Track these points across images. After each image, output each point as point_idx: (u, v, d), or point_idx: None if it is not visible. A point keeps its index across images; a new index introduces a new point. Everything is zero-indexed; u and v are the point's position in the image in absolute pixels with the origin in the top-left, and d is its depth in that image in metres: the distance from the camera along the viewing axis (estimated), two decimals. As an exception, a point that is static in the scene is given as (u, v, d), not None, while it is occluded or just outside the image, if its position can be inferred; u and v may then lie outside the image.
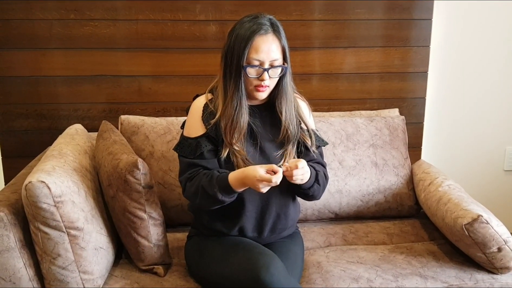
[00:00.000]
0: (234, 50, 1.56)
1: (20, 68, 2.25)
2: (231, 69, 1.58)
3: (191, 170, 1.63)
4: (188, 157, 1.64)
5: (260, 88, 1.59)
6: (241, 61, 1.55)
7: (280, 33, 1.59)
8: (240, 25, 1.57)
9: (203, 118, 1.64)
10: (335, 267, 1.76)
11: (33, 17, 2.20)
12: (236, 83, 1.58)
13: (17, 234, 1.50)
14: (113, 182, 1.67)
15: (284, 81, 1.64)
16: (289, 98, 1.67)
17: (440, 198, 1.92)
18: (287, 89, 1.66)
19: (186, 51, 2.31)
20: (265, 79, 1.57)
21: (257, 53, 1.55)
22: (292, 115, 1.67)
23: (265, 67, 1.57)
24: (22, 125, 2.31)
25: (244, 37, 1.54)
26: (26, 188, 1.46)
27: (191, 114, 1.68)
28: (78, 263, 1.55)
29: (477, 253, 1.73)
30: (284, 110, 1.66)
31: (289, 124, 1.66)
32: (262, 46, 1.55)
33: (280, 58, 1.59)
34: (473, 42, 2.53)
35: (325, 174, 1.74)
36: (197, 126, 1.65)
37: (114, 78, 2.31)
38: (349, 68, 2.43)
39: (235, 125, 1.60)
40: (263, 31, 1.55)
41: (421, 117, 2.52)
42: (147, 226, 1.70)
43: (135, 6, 2.24)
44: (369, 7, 2.36)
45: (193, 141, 1.64)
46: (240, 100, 1.59)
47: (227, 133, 1.60)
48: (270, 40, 1.56)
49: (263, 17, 1.59)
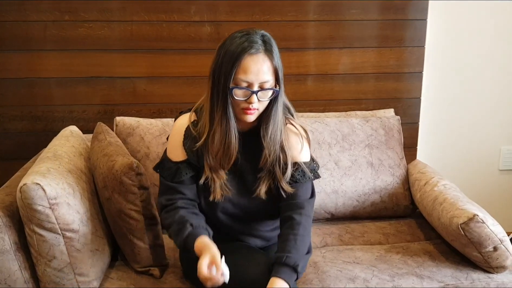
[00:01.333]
0: (222, 69, 1.43)
1: (15, 70, 2.24)
2: (218, 89, 1.45)
3: (169, 196, 1.58)
4: (167, 180, 1.58)
5: (248, 111, 1.45)
6: (228, 82, 1.42)
7: (273, 52, 1.44)
8: (230, 41, 1.44)
9: (184, 143, 1.56)
10: (331, 267, 1.76)
11: (27, 19, 2.19)
12: (223, 105, 1.45)
13: (12, 236, 1.50)
14: (109, 183, 1.67)
15: (275, 105, 1.50)
16: (276, 123, 1.51)
17: (436, 197, 1.93)
18: (276, 113, 1.51)
19: (181, 52, 2.31)
20: (253, 102, 1.43)
21: (245, 74, 1.41)
22: (276, 142, 1.53)
23: (254, 89, 1.43)
24: (17, 127, 2.30)
25: (233, 55, 1.41)
26: (21, 190, 1.45)
27: (173, 136, 1.59)
28: (73, 265, 1.54)
29: (473, 253, 1.73)
30: (268, 135, 1.51)
31: (270, 151, 1.52)
32: (252, 66, 1.41)
33: (271, 80, 1.45)
34: (468, 42, 2.54)
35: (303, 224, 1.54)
36: (178, 150, 1.57)
37: (109, 80, 2.30)
38: (344, 69, 2.43)
39: (226, 152, 1.50)
40: (253, 49, 1.41)
41: (416, 117, 2.53)
42: (143, 227, 1.69)
43: (129, 7, 2.23)
44: (364, 8, 2.36)
45: (173, 165, 1.57)
46: (229, 124, 1.47)
47: (218, 160, 1.52)
48: (261, 60, 1.42)
49: (256, 33, 1.45)
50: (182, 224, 1.51)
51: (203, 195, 1.60)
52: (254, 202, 1.60)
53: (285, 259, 1.47)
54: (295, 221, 1.54)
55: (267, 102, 1.49)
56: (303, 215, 1.56)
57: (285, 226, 1.56)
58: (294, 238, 1.51)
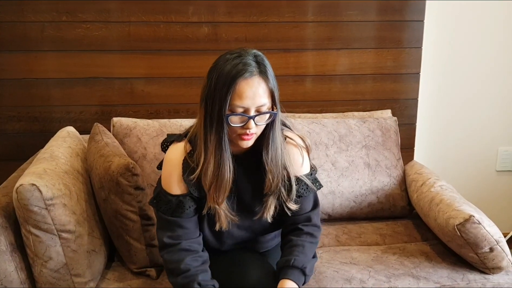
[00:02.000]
0: (215, 95, 1.34)
1: (12, 70, 2.24)
2: (212, 116, 1.36)
3: (170, 233, 1.48)
4: (166, 215, 1.48)
5: (245, 137, 1.38)
6: (223, 109, 1.33)
7: (267, 73, 1.36)
8: (222, 65, 1.35)
9: (185, 178, 1.45)
10: (328, 268, 1.76)
11: (25, 19, 2.19)
12: (218, 133, 1.37)
13: (8, 237, 1.50)
14: (105, 184, 1.67)
15: (272, 127, 1.43)
16: (276, 146, 1.45)
17: (433, 198, 1.93)
18: (275, 136, 1.44)
19: (178, 53, 2.31)
20: (251, 127, 1.36)
21: (241, 99, 1.33)
22: (278, 166, 1.46)
23: (251, 114, 1.35)
24: (14, 127, 2.30)
25: (226, 81, 1.32)
26: (17, 191, 1.46)
27: (169, 170, 1.48)
28: (70, 266, 1.54)
29: (469, 253, 1.73)
30: (269, 160, 1.44)
31: (273, 175, 1.45)
32: (247, 91, 1.33)
33: (268, 103, 1.37)
34: (465, 43, 2.54)
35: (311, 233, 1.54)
36: (177, 184, 1.47)
37: (106, 80, 2.30)
38: (342, 70, 2.44)
39: (220, 184, 1.41)
40: (247, 73, 1.33)
41: (414, 118, 2.53)
42: (139, 228, 1.70)
43: (127, 8, 2.23)
44: (362, 9, 2.36)
45: (173, 198, 1.46)
46: (223, 155, 1.39)
47: (212, 193, 1.43)
48: (256, 83, 1.34)
49: (248, 54, 1.36)
50: (188, 279, 1.43)
51: (207, 225, 1.53)
52: (260, 222, 1.55)
53: (293, 262, 1.46)
54: (302, 231, 1.54)
55: (263, 126, 1.42)
56: (310, 226, 1.56)
57: (292, 235, 1.55)
58: (302, 244, 1.51)
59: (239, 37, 2.31)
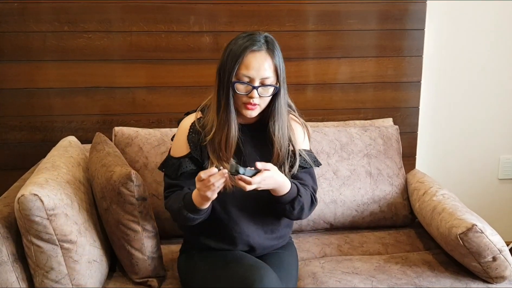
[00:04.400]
0: (226, 66, 1.53)
1: (14, 80, 2.24)
2: (222, 84, 1.55)
3: (169, 190, 1.65)
4: (171, 177, 1.64)
5: (249, 106, 1.55)
6: (231, 77, 1.52)
7: (274, 51, 1.55)
8: (234, 41, 1.55)
9: (188, 138, 1.63)
10: (330, 277, 1.75)
11: (27, 30, 2.20)
12: (226, 99, 1.55)
13: (10, 247, 1.50)
14: (107, 194, 1.67)
15: (278, 101, 1.60)
16: (282, 119, 1.62)
17: (435, 207, 1.92)
18: (281, 110, 1.61)
19: (180, 62, 2.31)
20: (254, 96, 1.53)
21: (247, 69, 1.51)
22: (285, 137, 1.63)
23: (255, 84, 1.53)
24: (16, 137, 2.30)
25: (236, 52, 1.52)
26: (18, 201, 1.45)
27: (178, 134, 1.67)
28: (71, 276, 1.54)
29: (472, 263, 1.73)
30: (277, 131, 1.61)
31: (281, 145, 1.62)
32: (253, 62, 1.51)
33: (272, 77, 1.55)
34: (465, 51, 2.55)
35: (313, 196, 1.69)
36: (181, 145, 1.64)
37: (108, 90, 2.31)
38: (343, 78, 2.44)
39: (226, 140, 1.57)
40: (256, 47, 1.52)
41: (415, 127, 2.53)
42: (141, 238, 1.69)
43: (128, 18, 2.24)
44: (362, 18, 2.37)
45: (176, 161, 1.64)
46: (230, 115, 1.56)
47: (220, 149, 1.58)
48: (263, 57, 1.52)
49: (259, 34, 1.56)
50: (179, 195, 1.58)
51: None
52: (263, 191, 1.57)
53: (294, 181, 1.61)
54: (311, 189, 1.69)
55: (268, 98, 1.58)
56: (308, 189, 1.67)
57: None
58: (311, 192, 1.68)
59: (240, 46, 2.31)
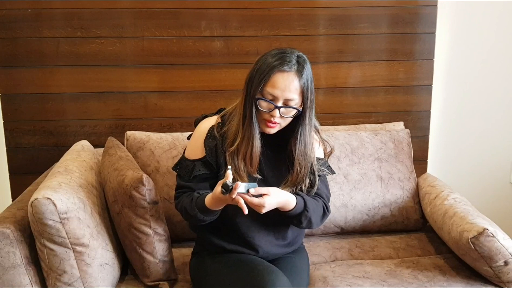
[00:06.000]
0: (254, 80, 1.53)
1: (28, 85, 2.27)
2: (248, 97, 1.55)
3: (180, 190, 1.67)
4: (183, 179, 1.66)
5: (269, 124, 1.55)
6: (256, 92, 1.52)
7: (303, 73, 1.52)
8: (265, 57, 1.54)
9: (205, 142, 1.63)
10: (341, 282, 1.75)
11: (41, 35, 2.23)
12: (251, 112, 1.55)
13: (23, 250, 1.52)
14: (119, 198, 1.68)
15: (302, 123, 1.58)
16: (305, 141, 1.61)
17: (446, 211, 1.91)
18: (304, 132, 1.60)
19: (191, 67, 2.33)
20: (275, 116, 1.53)
21: (273, 88, 1.50)
22: (307, 159, 1.62)
23: (278, 104, 1.52)
24: (29, 141, 2.33)
25: (265, 70, 1.51)
26: (32, 205, 1.47)
27: (194, 136, 1.68)
28: (83, 279, 1.55)
29: (483, 267, 1.72)
30: (298, 151, 1.61)
31: (301, 166, 1.62)
32: (280, 82, 1.50)
33: (297, 99, 1.53)
34: (476, 55, 2.54)
35: (325, 205, 1.68)
36: (197, 148, 1.65)
37: (120, 95, 2.33)
38: (354, 82, 2.44)
39: (250, 155, 1.58)
40: (286, 67, 1.50)
41: (426, 130, 2.52)
42: (153, 241, 1.71)
43: (140, 24, 2.27)
44: (373, 22, 2.37)
45: (190, 163, 1.65)
46: (253, 131, 1.56)
47: (245, 163, 1.59)
48: (290, 78, 1.51)
49: (292, 53, 1.54)
50: (190, 196, 1.60)
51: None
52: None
53: (301, 194, 1.62)
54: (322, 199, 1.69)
55: (289, 119, 1.57)
56: (321, 200, 1.67)
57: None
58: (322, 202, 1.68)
59: (251, 51, 2.33)
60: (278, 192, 1.52)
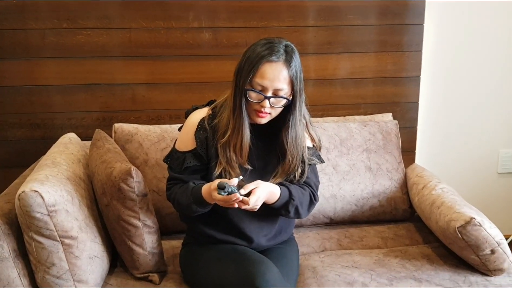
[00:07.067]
0: (242, 71, 1.52)
1: (14, 77, 2.25)
2: (237, 89, 1.55)
3: (172, 182, 1.68)
4: (174, 170, 1.66)
5: (260, 114, 1.55)
6: (245, 83, 1.52)
7: (292, 63, 1.52)
8: (253, 48, 1.53)
9: (196, 134, 1.63)
10: (330, 271, 1.76)
11: (26, 27, 2.20)
12: (240, 103, 1.54)
13: (11, 244, 1.50)
14: (107, 190, 1.68)
15: (292, 113, 1.58)
16: (296, 130, 1.61)
17: (434, 201, 1.93)
18: (295, 121, 1.60)
19: (179, 59, 2.32)
20: (265, 106, 1.52)
21: (261, 78, 1.50)
22: (299, 148, 1.63)
23: (267, 94, 1.52)
24: (16, 134, 2.31)
25: (253, 60, 1.50)
26: (19, 197, 1.46)
27: (185, 127, 1.67)
28: (72, 272, 1.55)
29: (470, 256, 1.74)
30: (289, 141, 1.61)
31: (293, 156, 1.62)
32: (268, 73, 1.50)
33: (286, 89, 1.53)
34: (465, 46, 2.55)
35: (313, 194, 1.69)
36: (187, 140, 1.65)
37: (108, 87, 2.31)
38: (343, 74, 2.44)
39: (240, 144, 1.58)
40: (273, 57, 1.49)
41: (415, 121, 2.53)
42: (142, 234, 1.70)
43: (128, 15, 2.25)
44: (362, 13, 2.37)
45: (180, 155, 1.65)
46: (243, 121, 1.56)
47: (235, 154, 1.59)
48: (279, 68, 1.50)
49: (280, 43, 1.53)
50: (185, 188, 1.61)
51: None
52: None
53: (285, 184, 1.63)
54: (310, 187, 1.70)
55: (280, 109, 1.57)
56: (308, 188, 1.68)
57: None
58: (297, 186, 1.67)
59: (240, 42, 2.32)
60: (263, 184, 1.52)
